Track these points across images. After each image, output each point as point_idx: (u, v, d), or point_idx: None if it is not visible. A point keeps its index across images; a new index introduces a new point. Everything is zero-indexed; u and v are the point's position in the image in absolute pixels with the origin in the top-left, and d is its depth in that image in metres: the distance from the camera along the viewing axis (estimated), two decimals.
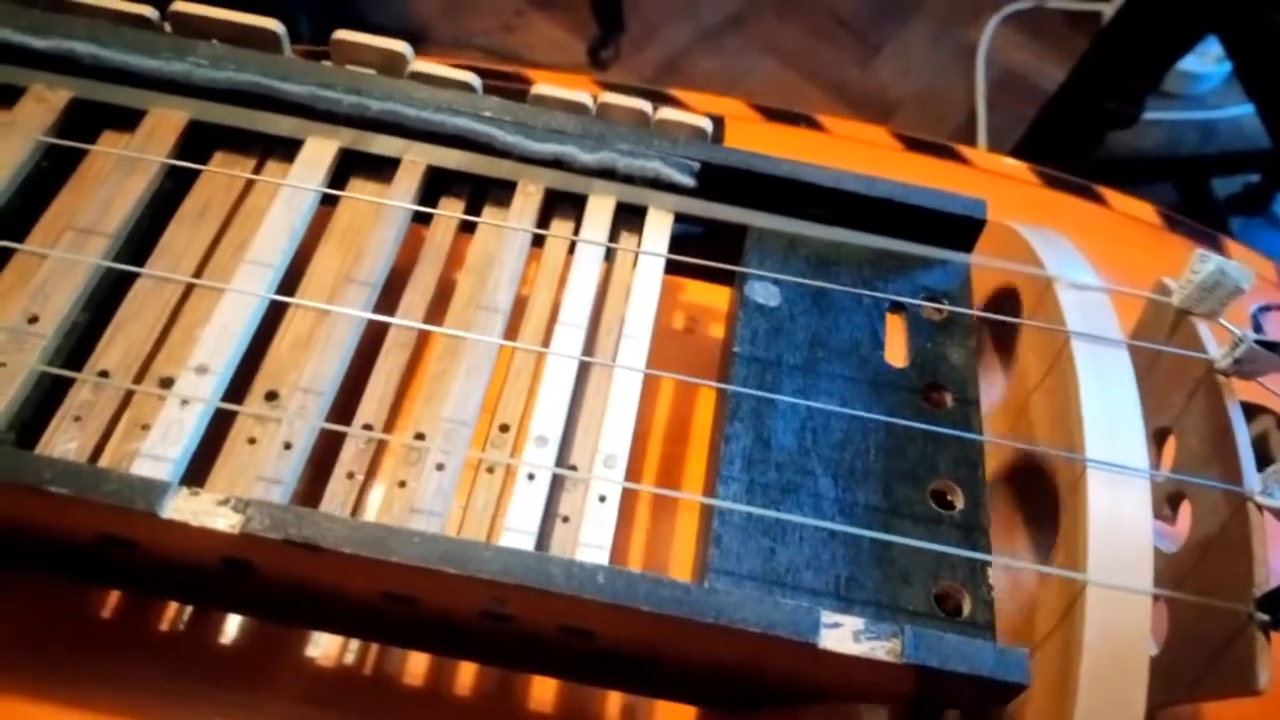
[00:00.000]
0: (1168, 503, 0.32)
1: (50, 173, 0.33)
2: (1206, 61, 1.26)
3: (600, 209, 0.34)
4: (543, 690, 0.33)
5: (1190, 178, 1.19)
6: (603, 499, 0.29)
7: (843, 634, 0.25)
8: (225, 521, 0.25)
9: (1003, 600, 0.31)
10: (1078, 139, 1.14)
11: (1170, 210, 0.49)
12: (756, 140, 0.49)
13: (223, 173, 0.34)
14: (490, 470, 0.30)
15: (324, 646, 0.33)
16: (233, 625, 0.33)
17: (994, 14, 1.36)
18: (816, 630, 0.25)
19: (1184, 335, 0.32)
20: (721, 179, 0.34)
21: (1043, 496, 0.31)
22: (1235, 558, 0.28)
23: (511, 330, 0.32)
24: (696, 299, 0.42)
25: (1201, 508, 0.30)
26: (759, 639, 0.25)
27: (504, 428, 0.31)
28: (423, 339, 0.33)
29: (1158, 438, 0.33)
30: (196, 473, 0.29)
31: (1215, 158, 1.27)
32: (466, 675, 0.33)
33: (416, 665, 0.33)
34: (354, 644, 0.33)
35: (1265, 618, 0.27)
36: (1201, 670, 0.28)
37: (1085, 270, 0.32)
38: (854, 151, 0.50)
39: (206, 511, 0.25)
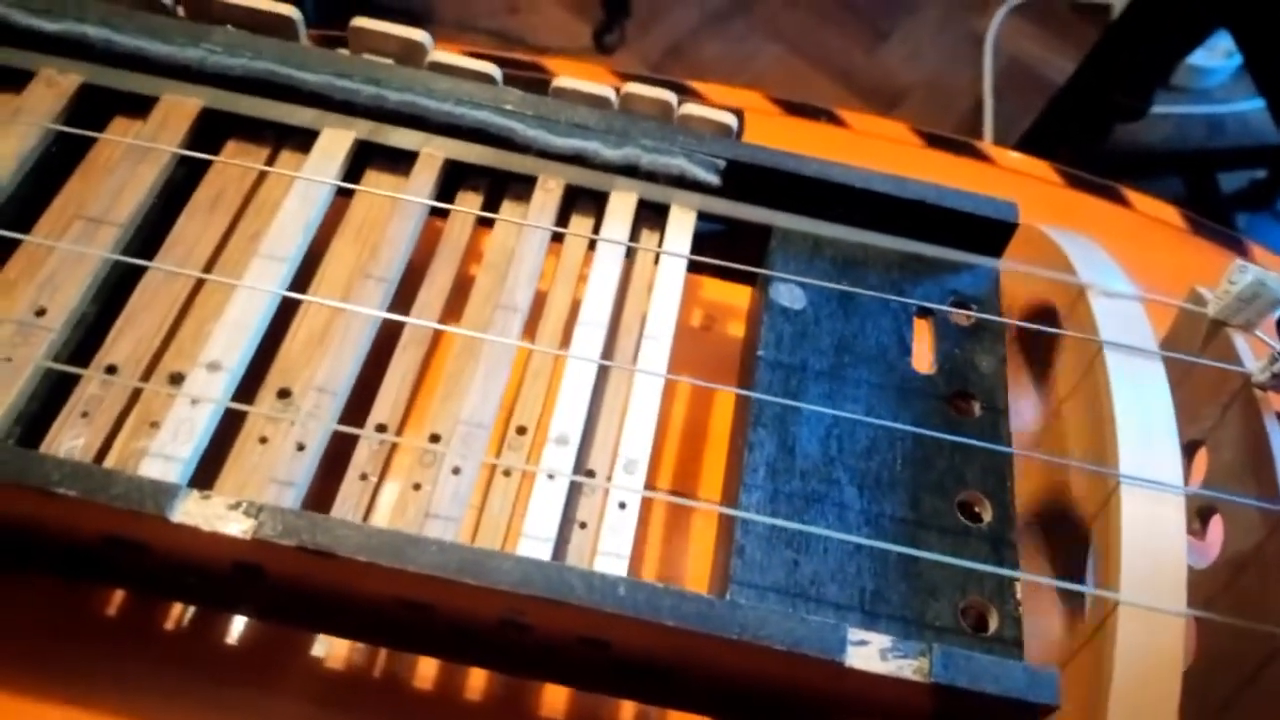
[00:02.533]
0: (1197, 517, 0.31)
1: (59, 160, 0.33)
2: (1215, 56, 1.25)
3: (622, 206, 0.33)
4: (555, 697, 0.32)
5: (1197, 172, 1.18)
6: (623, 506, 0.28)
7: (869, 652, 0.25)
8: (238, 527, 0.24)
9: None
10: (1085, 131, 1.13)
11: (1183, 207, 0.48)
12: (776, 135, 0.48)
13: (236, 164, 0.33)
14: (507, 474, 0.29)
15: (333, 648, 0.32)
16: (240, 626, 0.32)
17: (1002, 3, 1.35)
18: (843, 648, 0.24)
19: (1219, 347, 0.31)
20: (747, 178, 0.33)
21: (1070, 541, 0.30)
22: (1271, 577, 0.27)
23: (530, 329, 0.32)
24: (714, 297, 0.41)
25: (1235, 524, 0.29)
26: (783, 656, 0.24)
27: (521, 430, 0.30)
28: (439, 336, 0.32)
29: (1188, 450, 0.32)
30: (206, 472, 0.28)
31: (1222, 153, 1.26)
32: (477, 679, 0.32)
33: (426, 668, 0.32)
34: (363, 646, 0.32)
35: None
36: (1232, 693, 0.28)
37: (1119, 277, 0.32)
38: (875, 148, 0.49)
39: (218, 516, 0.24)
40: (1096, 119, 1.14)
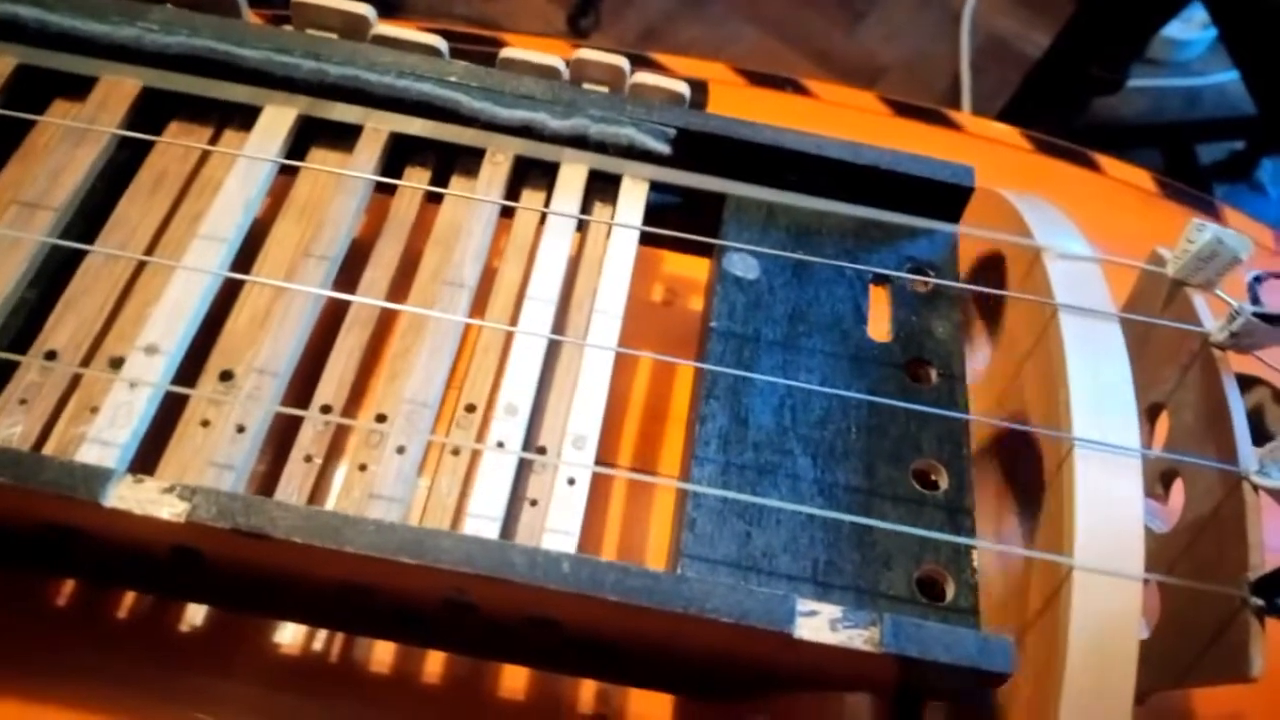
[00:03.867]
0: (1160, 481, 0.31)
1: None
2: (1191, 28, 1.25)
3: (572, 178, 0.33)
4: (514, 678, 0.31)
5: (1175, 144, 1.18)
6: (571, 482, 0.27)
7: (819, 623, 0.24)
8: (170, 510, 0.24)
9: (993, 578, 0.30)
10: (1063, 105, 1.13)
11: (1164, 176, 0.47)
12: (741, 106, 0.47)
13: (177, 144, 0.33)
14: (455, 453, 0.28)
15: (288, 633, 0.31)
16: (194, 612, 0.31)
17: None
18: (792, 619, 0.24)
19: (1179, 307, 0.31)
20: (699, 146, 0.33)
21: (1033, 467, 0.30)
22: (1229, 540, 0.27)
23: (479, 306, 0.31)
24: (676, 270, 0.40)
25: (1195, 487, 0.29)
26: (732, 629, 0.24)
27: (470, 408, 0.29)
28: (387, 315, 0.31)
29: (1150, 414, 0.32)
30: (149, 457, 0.28)
31: (1200, 124, 1.26)
32: (435, 663, 0.31)
33: (384, 652, 0.31)
34: (318, 630, 0.32)
35: (1260, 603, 0.26)
36: (1194, 656, 0.28)
37: (1076, 239, 0.31)
38: (842, 117, 0.49)
39: (151, 500, 0.24)
40: (1073, 93, 1.13)
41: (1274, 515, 0.27)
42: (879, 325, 0.32)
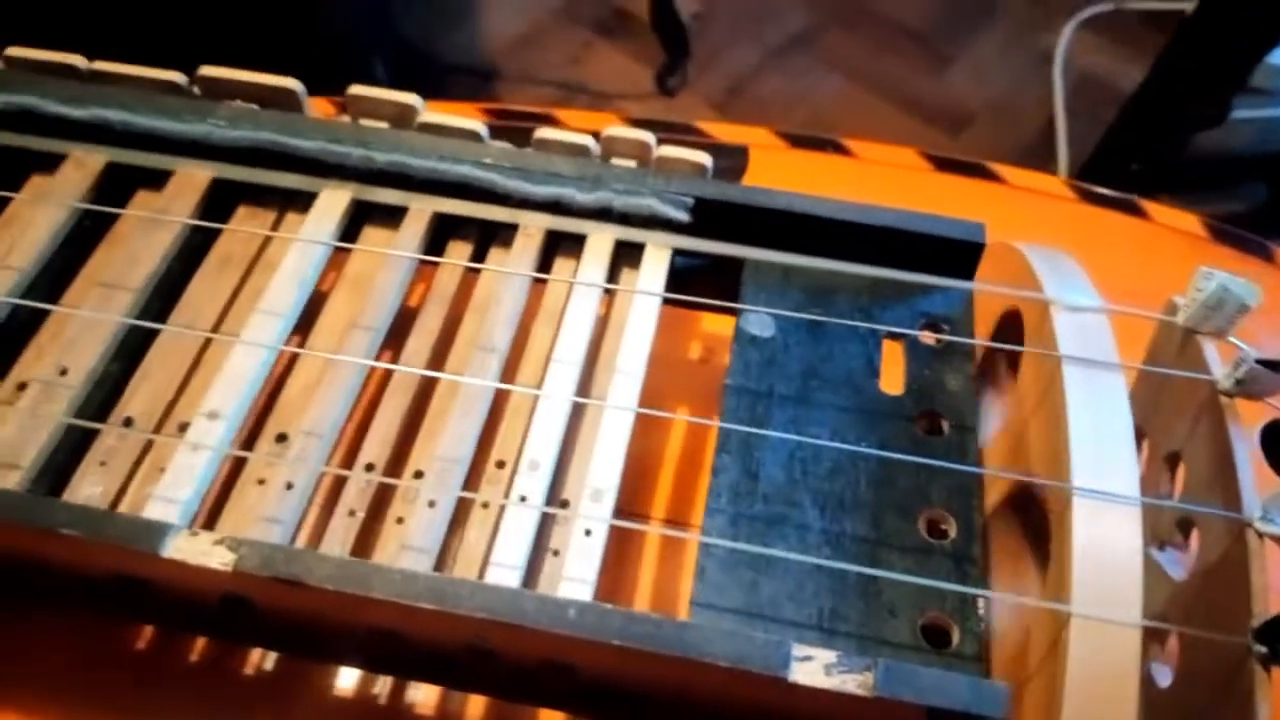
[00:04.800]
0: (1179, 529, 0.31)
1: (90, 234, 0.36)
2: None
3: (598, 248, 0.35)
4: None
5: None
6: (589, 533, 0.29)
7: (814, 667, 0.25)
8: (219, 560, 0.26)
9: (1009, 630, 0.30)
10: (1160, 142, 1.10)
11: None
12: (781, 168, 0.49)
13: (242, 229, 0.36)
14: (485, 506, 0.30)
15: (342, 678, 0.34)
16: (257, 658, 0.34)
17: (1070, 19, 1.33)
18: (787, 664, 0.25)
19: (1190, 356, 0.31)
20: (718, 214, 0.35)
21: (1045, 520, 0.30)
22: (1235, 587, 0.27)
23: (511, 369, 0.33)
24: (714, 329, 0.42)
25: (1206, 535, 0.29)
26: (730, 673, 0.25)
27: (500, 464, 0.31)
28: (430, 379, 0.34)
29: (1170, 463, 0.32)
30: (213, 514, 0.31)
31: None
32: (476, 706, 0.33)
33: (429, 697, 0.34)
34: (370, 676, 0.34)
35: (1263, 650, 0.26)
36: (1207, 704, 0.28)
37: (1084, 291, 0.32)
38: (882, 175, 0.50)
39: (203, 551, 0.27)
40: (1171, 129, 1.11)
41: None
42: (894, 380, 0.33)
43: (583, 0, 1.35)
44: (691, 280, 0.36)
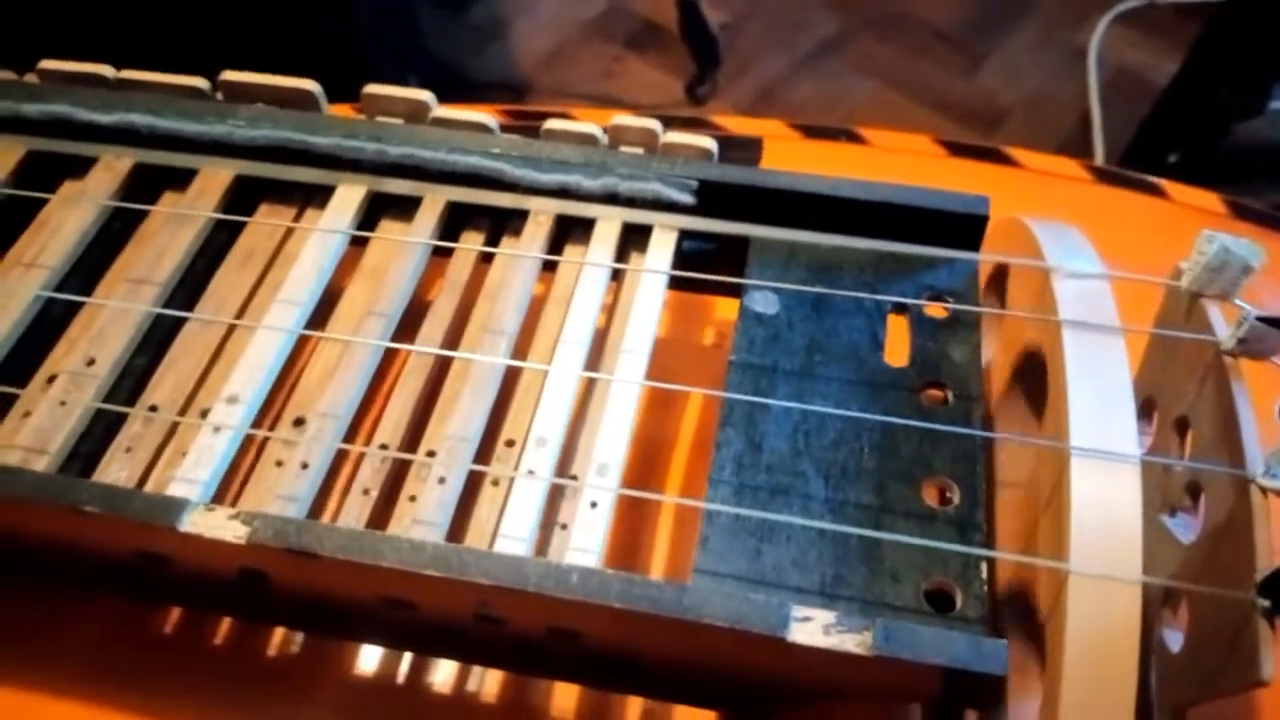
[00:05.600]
0: (1188, 493, 0.31)
1: (121, 233, 0.37)
2: None
3: (606, 232, 0.36)
4: (565, 697, 0.34)
5: None
6: (594, 505, 0.30)
7: (813, 628, 0.26)
8: (234, 533, 0.27)
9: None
10: (1198, 134, 1.09)
11: (1234, 199, 0.47)
12: (796, 158, 0.49)
13: (264, 223, 0.37)
14: (495, 483, 0.31)
15: (362, 657, 0.35)
16: (279, 639, 0.35)
17: (1103, 14, 1.32)
18: (786, 624, 0.25)
19: (1196, 319, 0.31)
20: (722, 195, 0.35)
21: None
22: (1240, 544, 0.27)
23: (522, 350, 0.34)
24: (726, 315, 0.43)
25: (1213, 496, 0.29)
26: (730, 634, 0.26)
27: (509, 443, 0.32)
28: (443, 363, 0.35)
29: (1179, 427, 0.32)
30: (234, 498, 0.32)
31: None
32: (493, 683, 0.34)
33: (446, 674, 0.34)
34: (389, 654, 0.35)
35: (1266, 604, 0.25)
36: (1215, 665, 0.27)
37: (1087, 258, 0.32)
38: (897, 162, 0.50)
39: (219, 525, 0.28)
40: (1208, 120, 1.09)
41: None
42: (899, 352, 0.33)
43: (613, 14, 1.36)
44: (699, 265, 0.36)
